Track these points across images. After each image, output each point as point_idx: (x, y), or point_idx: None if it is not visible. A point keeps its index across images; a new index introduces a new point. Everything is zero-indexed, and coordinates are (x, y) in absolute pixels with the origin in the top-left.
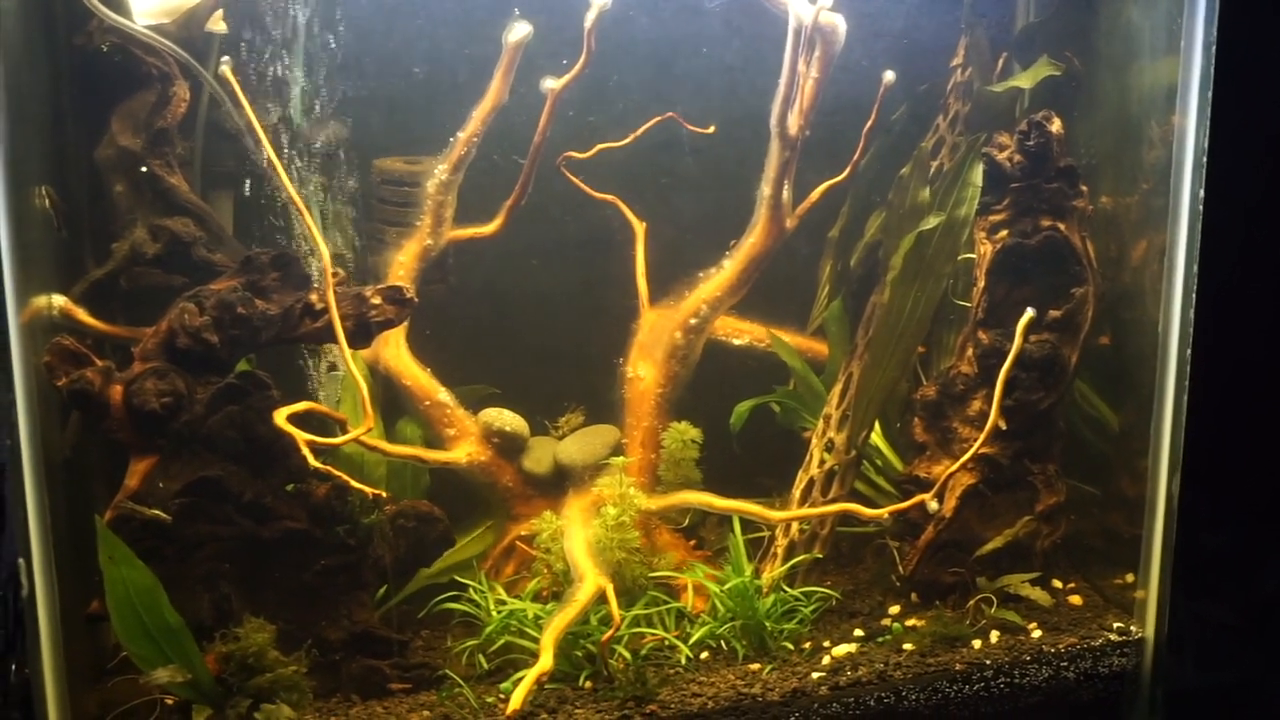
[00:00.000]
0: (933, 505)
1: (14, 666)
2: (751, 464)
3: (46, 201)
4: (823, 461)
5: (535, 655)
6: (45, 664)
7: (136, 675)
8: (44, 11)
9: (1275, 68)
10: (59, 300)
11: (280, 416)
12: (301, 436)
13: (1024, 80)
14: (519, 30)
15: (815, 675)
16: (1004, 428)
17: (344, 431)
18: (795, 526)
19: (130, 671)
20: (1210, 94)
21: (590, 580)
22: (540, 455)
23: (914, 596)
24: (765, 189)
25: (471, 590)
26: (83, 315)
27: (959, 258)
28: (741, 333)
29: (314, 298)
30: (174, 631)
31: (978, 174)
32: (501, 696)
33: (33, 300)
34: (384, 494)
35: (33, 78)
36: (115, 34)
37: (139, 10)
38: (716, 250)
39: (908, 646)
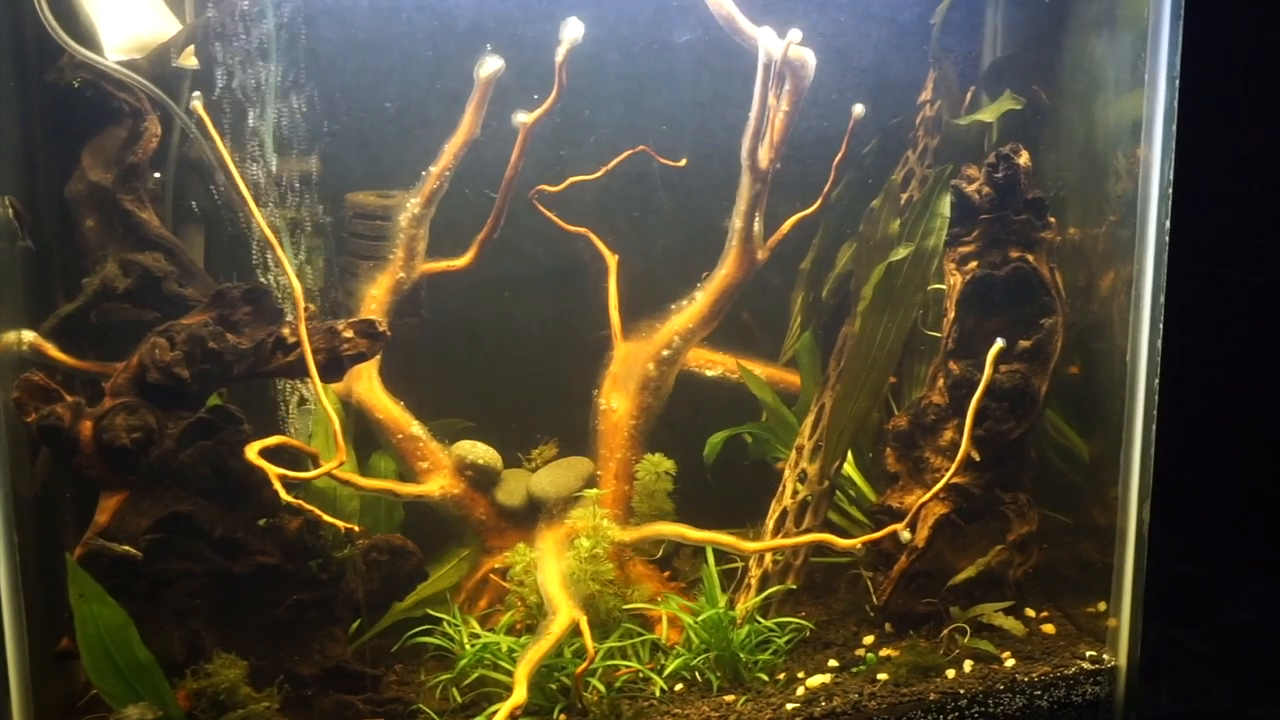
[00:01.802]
0: (905, 535)
1: None
2: (725, 495)
3: (10, 211)
4: (796, 492)
5: (509, 689)
6: (14, 702)
7: (107, 713)
8: (14, 47)
9: (1239, 99)
10: (28, 335)
11: (252, 451)
12: (273, 471)
13: (987, 114)
14: (491, 65)
15: (790, 706)
16: (976, 458)
17: (316, 466)
18: (769, 557)
19: (101, 709)
20: (1175, 126)
21: (564, 613)
22: (514, 488)
23: (888, 626)
24: (736, 221)
25: (445, 624)
26: (52, 350)
27: (929, 288)
28: (714, 364)
29: (286, 331)
30: (145, 668)
31: (945, 205)
32: None
33: (2, 335)
34: (356, 528)
35: (2, 113)
36: (86, 70)
37: (110, 46)
38: (688, 282)
39: (882, 676)
